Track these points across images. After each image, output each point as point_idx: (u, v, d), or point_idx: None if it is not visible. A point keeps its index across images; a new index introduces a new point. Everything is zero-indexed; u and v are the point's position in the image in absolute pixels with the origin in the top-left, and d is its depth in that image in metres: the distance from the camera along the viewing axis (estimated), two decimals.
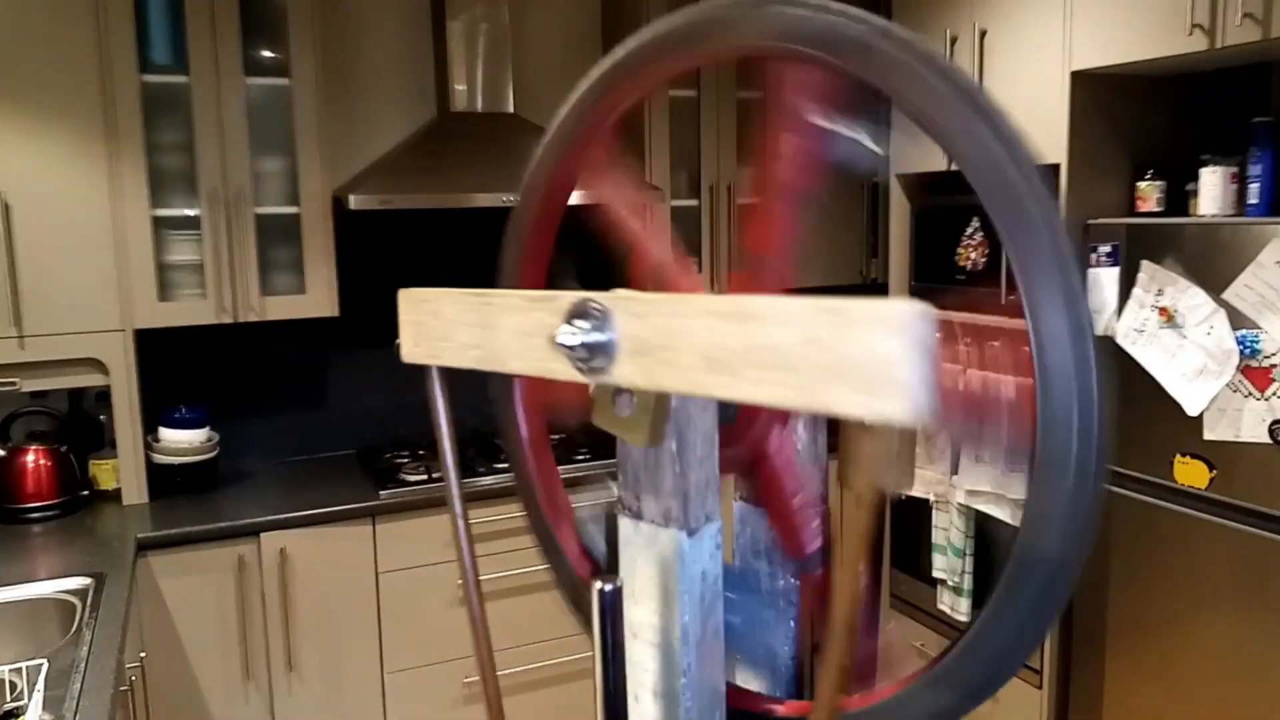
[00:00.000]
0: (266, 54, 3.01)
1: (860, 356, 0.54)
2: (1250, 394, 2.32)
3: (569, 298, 0.72)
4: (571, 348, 0.70)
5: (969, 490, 2.89)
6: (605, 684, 0.73)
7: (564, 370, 0.72)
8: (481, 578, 3.37)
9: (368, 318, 3.37)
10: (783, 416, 0.86)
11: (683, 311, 0.64)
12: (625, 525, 0.78)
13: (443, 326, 0.85)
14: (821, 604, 0.87)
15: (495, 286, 1.06)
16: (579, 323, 0.70)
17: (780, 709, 0.84)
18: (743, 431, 0.83)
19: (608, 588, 0.72)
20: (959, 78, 0.68)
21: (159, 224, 2.86)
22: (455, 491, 0.93)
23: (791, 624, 0.88)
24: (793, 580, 0.91)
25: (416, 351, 0.88)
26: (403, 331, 0.89)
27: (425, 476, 3.02)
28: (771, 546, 0.91)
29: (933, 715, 0.73)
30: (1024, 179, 0.65)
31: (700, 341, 0.63)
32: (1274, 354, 2.26)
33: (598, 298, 0.70)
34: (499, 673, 3.45)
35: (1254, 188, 2.49)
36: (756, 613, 0.89)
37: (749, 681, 0.91)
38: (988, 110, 0.67)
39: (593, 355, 0.70)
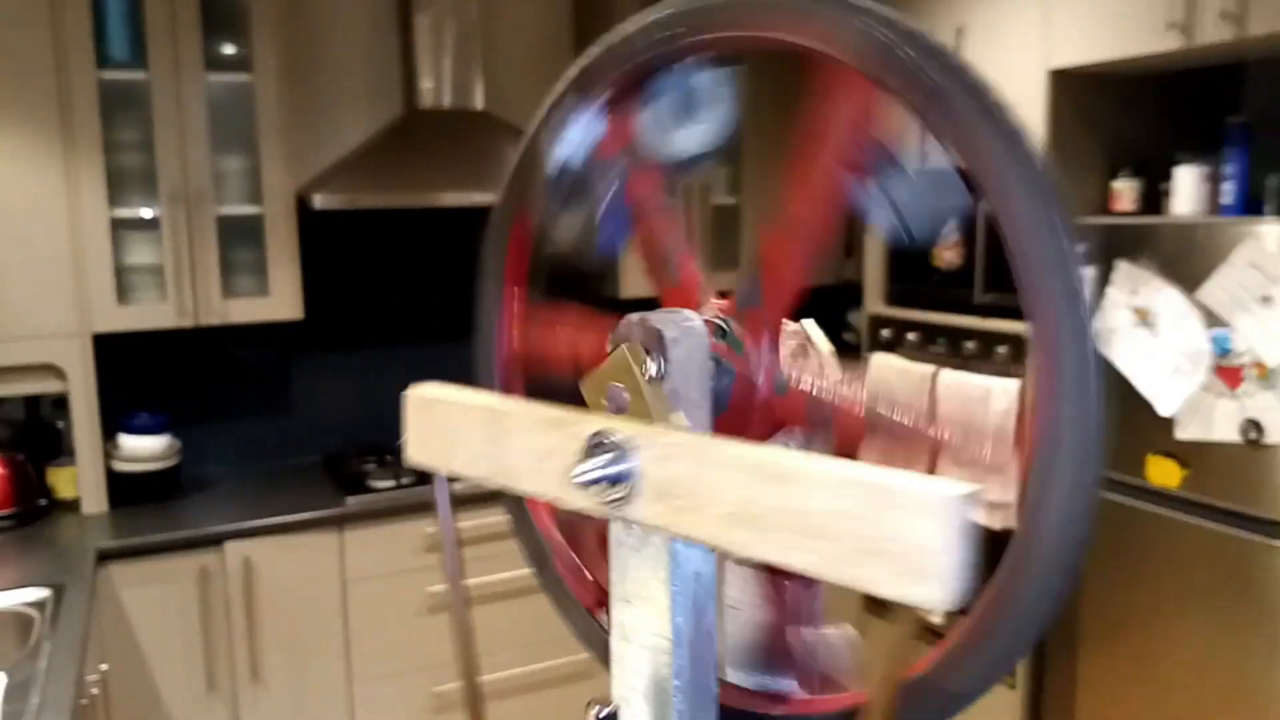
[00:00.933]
0: (228, 49, 2.95)
1: (899, 538, 0.54)
2: (1222, 393, 2.32)
3: (588, 425, 0.70)
4: (589, 485, 0.69)
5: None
6: None
7: (582, 502, 0.72)
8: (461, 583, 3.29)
9: (333, 320, 3.31)
10: (776, 423, 0.84)
11: (713, 460, 0.63)
12: (617, 527, 0.77)
13: (451, 432, 0.83)
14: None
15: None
16: (597, 458, 0.69)
17: (777, 708, 0.84)
18: (737, 430, 0.82)
19: (604, 714, 0.74)
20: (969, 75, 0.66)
21: (117, 225, 2.80)
22: (458, 600, 0.91)
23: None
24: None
25: (424, 454, 0.86)
26: (409, 431, 0.86)
27: (393, 483, 2.97)
28: None
29: (928, 713, 0.73)
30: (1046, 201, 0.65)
31: (729, 496, 0.62)
32: (1245, 353, 2.27)
33: (619, 430, 0.69)
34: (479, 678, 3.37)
35: (1228, 187, 2.50)
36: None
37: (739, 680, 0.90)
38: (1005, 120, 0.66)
39: (611, 489, 0.69)
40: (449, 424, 0.83)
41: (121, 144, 2.82)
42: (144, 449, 2.92)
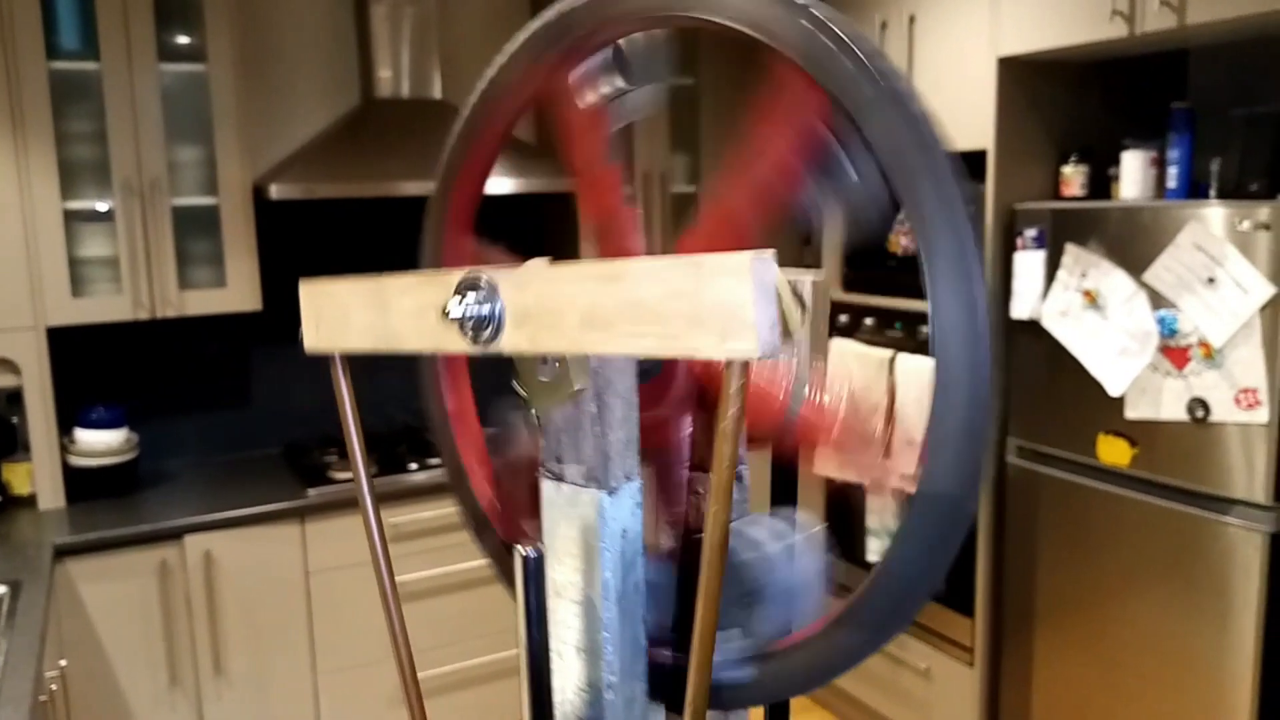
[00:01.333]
0: (181, 39, 2.92)
1: (716, 303, 0.61)
2: (1169, 373, 2.38)
3: (458, 274, 0.76)
4: (461, 320, 0.74)
5: (902, 475, 2.92)
6: (530, 645, 0.77)
7: (457, 343, 0.76)
8: (416, 575, 3.33)
9: (292, 311, 3.27)
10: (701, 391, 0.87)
11: (561, 278, 0.70)
12: (548, 488, 0.82)
13: (341, 313, 0.88)
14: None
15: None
16: (467, 296, 0.74)
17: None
18: (660, 396, 0.86)
19: (530, 554, 0.75)
20: (873, 57, 0.69)
21: (70, 217, 2.77)
22: (364, 481, 0.95)
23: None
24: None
25: (318, 339, 0.91)
26: (304, 321, 0.91)
27: None
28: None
29: (844, 653, 0.76)
30: (931, 161, 0.67)
31: (578, 304, 0.69)
32: (1191, 333, 2.33)
33: (484, 272, 0.74)
34: (438, 670, 3.40)
35: (1172, 171, 2.55)
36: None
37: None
38: (900, 92, 0.69)
39: (482, 327, 0.74)
40: (338, 306, 0.88)
41: (74, 135, 2.78)
42: (101, 443, 2.89)
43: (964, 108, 2.77)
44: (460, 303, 0.74)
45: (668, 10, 0.80)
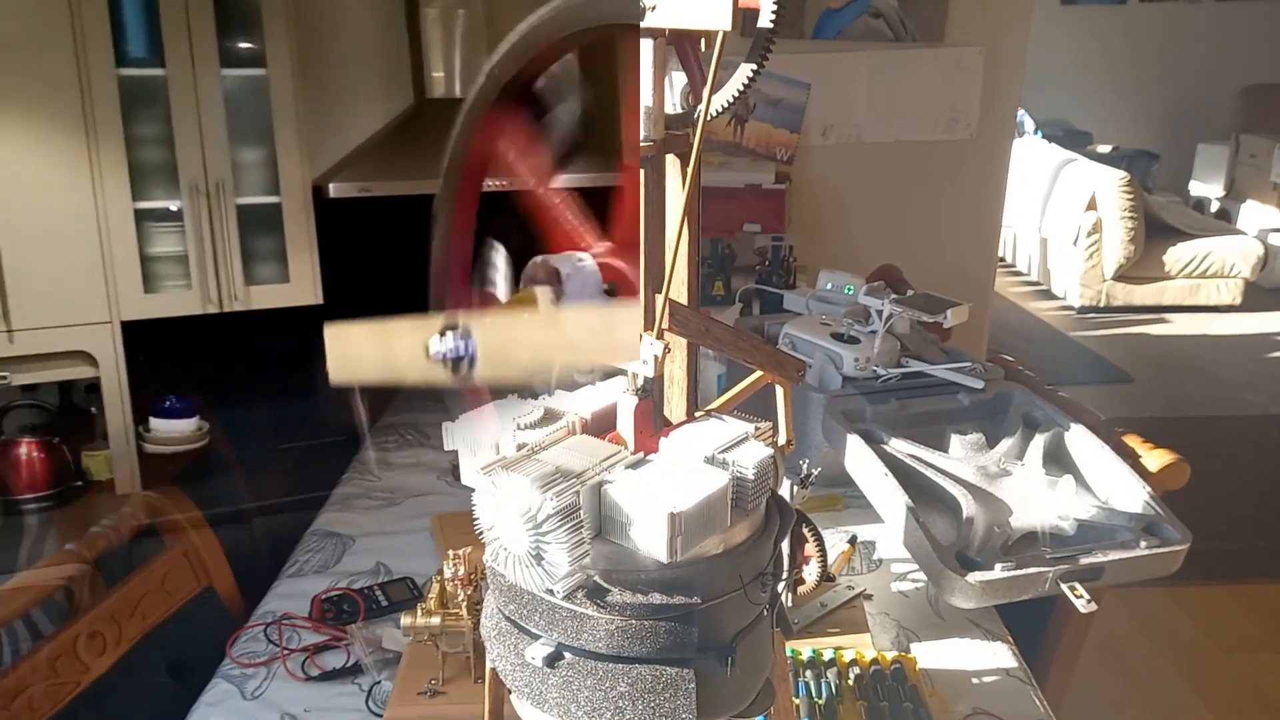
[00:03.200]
0: (242, 45, 3.02)
1: (619, 334, 0.82)
2: None
3: (443, 322, 0.96)
4: (443, 357, 0.93)
5: None
6: None
7: (444, 376, 0.95)
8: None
9: (351, 304, 3.37)
10: None
11: (517, 324, 0.94)
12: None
13: (356, 352, 1.05)
14: None
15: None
16: (448, 337, 0.94)
17: None
18: None
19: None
20: None
21: (141, 216, 2.89)
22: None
23: None
24: None
25: (341, 374, 1.06)
26: (329, 357, 1.07)
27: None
28: None
29: None
30: None
31: (529, 343, 0.92)
32: None
33: (462, 320, 0.95)
34: None
35: None
36: None
37: None
38: None
39: (460, 362, 0.93)
40: (354, 346, 1.05)
41: (143, 139, 2.90)
42: (174, 431, 3.02)
43: None
44: (440, 341, 0.93)
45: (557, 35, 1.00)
